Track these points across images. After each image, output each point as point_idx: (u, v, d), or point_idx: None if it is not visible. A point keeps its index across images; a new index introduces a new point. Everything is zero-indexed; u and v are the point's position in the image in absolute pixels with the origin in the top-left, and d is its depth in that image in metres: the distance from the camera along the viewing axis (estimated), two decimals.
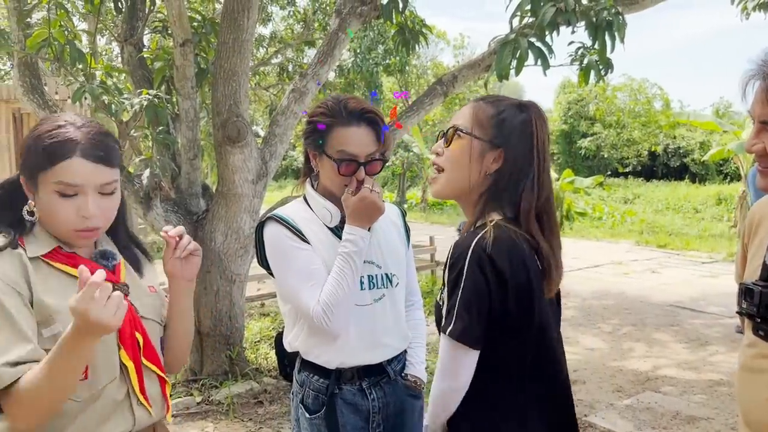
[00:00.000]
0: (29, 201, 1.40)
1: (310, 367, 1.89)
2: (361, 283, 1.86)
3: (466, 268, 1.39)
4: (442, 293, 1.50)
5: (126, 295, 1.39)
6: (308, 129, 1.87)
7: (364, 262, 1.85)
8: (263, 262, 1.93)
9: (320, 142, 1.82)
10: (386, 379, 1.91)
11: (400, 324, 1.97)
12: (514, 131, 1.50)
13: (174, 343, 1.62)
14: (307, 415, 1.88)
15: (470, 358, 1.43)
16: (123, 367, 1.42)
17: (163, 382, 1.52)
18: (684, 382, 5.12)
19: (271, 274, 1.92)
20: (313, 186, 1.94)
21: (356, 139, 1.78)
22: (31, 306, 1.31)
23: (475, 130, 1.52)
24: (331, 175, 1.82)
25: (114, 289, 1.21)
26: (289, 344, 1.95)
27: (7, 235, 1.36)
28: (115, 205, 1.45)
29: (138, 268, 1.58)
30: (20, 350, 1.25)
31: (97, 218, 1.38)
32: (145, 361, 1.46)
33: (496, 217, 1.48)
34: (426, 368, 2.06)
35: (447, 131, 1.57)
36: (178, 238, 1.51)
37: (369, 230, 1.84)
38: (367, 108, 1.82)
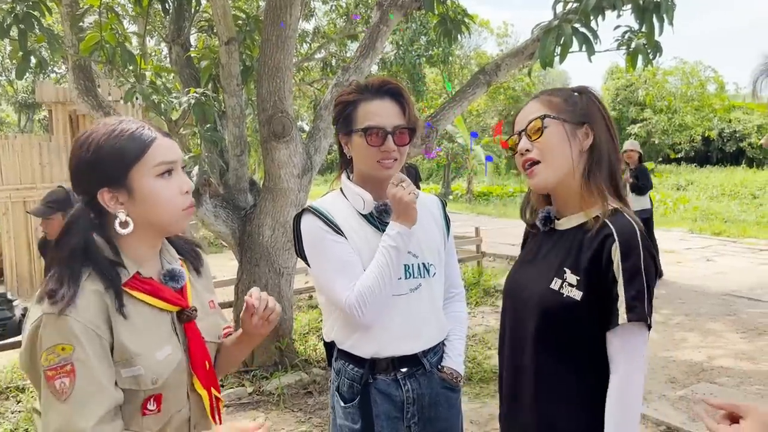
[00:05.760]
0: (119, 213, 1.33)
1: (345, 356, 1.89)
2: None
3: (642, 255, 1.41)
4: (574, 284, 1.48)
5: (194, 319, 1.44)
6: (337, 111, 1.90)
7: None
8: (301, 253, 1.95)
9: (348, 121, 1.85)
10: (422, 370, 1.88)
11: (437, 314, 1.95)
12: (587, 108, 1.55)
13: (225, 364, 1.64)
14: (342, 404, 1.88)
15: None
16: (190, 394, 1.44)
17: (218, 402, 1.52)
18: (741, 372, 4.97)
19: (309, 264, 1.93)
20: (348, 177, 1.96)
21: (381, 111, 1.82)
22: (112, 348, 1.28)
23: (559, 115, 1.54)
24: (362, 150, 1.83)
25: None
26: (326, 334, 1.97)
27: (104, 278, 1.30)
28: None
29: (197, 269, 1.59)
30: (96, 405, 1.23)
31: (191, 192, 1.41)
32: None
33: (612, 203, 1.51)
34: (466, 360, 2.02)
35: (526, 127, 1.56)
36: (257, 305, 1.49)
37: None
38: (389, 81, 1.86)
